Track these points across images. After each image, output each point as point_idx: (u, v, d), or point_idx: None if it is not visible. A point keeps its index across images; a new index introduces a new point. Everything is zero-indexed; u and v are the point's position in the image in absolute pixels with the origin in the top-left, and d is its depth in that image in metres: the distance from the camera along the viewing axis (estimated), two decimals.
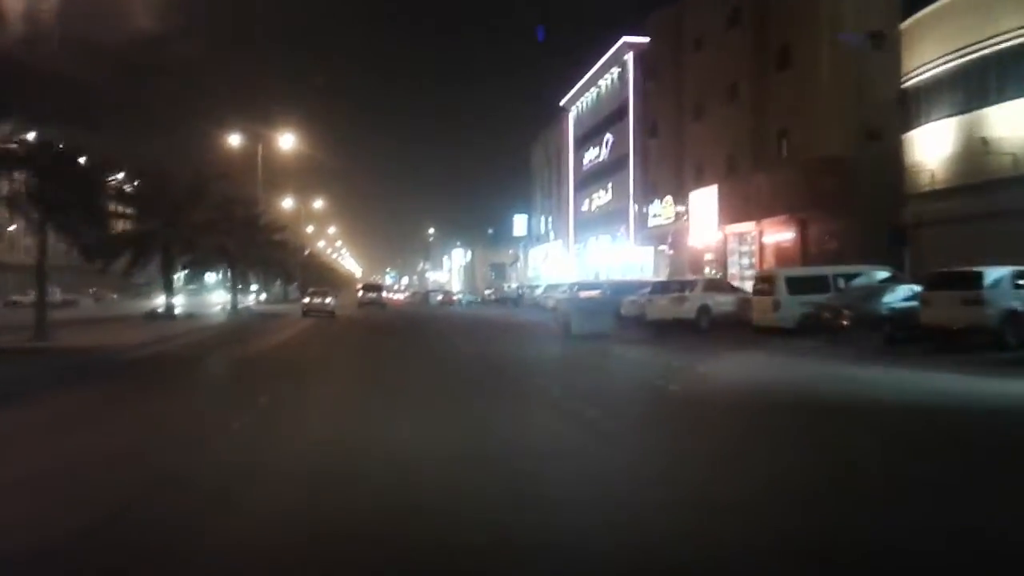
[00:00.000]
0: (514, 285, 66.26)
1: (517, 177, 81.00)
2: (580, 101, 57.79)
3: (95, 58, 15.10)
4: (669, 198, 38.35)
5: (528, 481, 5.97)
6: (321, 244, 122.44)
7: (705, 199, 34.33)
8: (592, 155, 53.88)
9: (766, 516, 5.11)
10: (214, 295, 51.09)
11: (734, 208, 32.67)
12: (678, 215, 37.48)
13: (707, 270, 37.09)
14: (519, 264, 74.08)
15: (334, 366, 15.89)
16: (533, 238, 73.83)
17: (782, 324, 18.81)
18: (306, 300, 41.03)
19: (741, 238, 33.99)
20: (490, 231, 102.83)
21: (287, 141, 50.81)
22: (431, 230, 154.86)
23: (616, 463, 6.77)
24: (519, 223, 75.66)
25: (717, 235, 33.89)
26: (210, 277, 60.42)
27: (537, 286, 52.35)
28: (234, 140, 47.63)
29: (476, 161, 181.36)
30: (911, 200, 22.85)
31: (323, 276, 77.22)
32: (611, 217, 49.37)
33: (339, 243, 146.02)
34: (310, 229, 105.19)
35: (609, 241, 49.91)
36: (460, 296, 65.28)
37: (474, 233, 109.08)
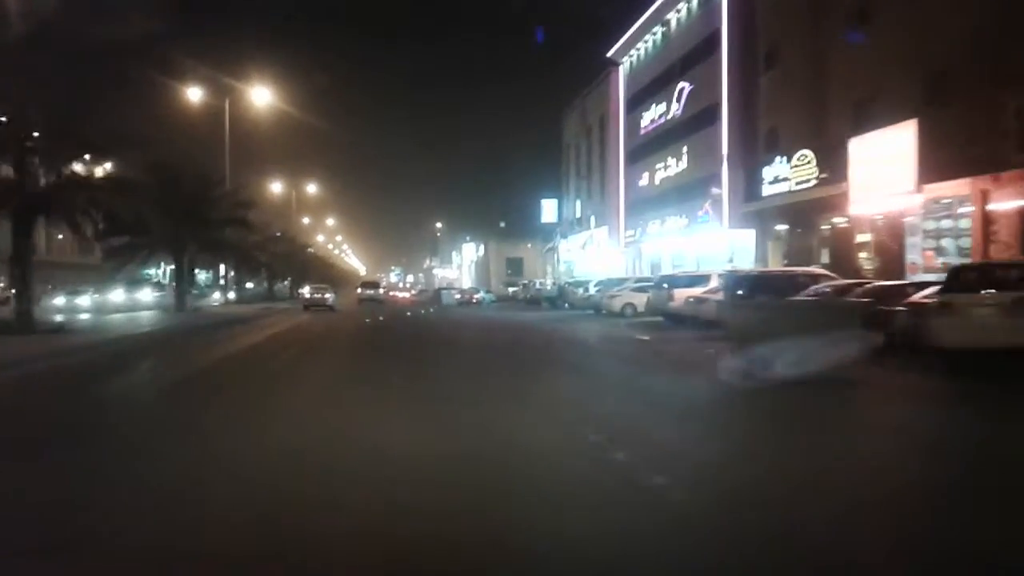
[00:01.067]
0: (548, 281, 53.79)
1: (538, 161, 68.85)
2: (635, 50, 45.44)
3: None
4: (807, 152, 25.93)
5: None
6: (320, 238, 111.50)
7: (884, 145, 21.97)
8: (655, 114, 41.53)
9: None
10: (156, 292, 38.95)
11: (933, 159, 20.42)
12: (821, 175, 25.13)
13: (862, 256, 24.85)
14: (555, 255, 61.44)
15: None
16: (565, 226, 61.56)
17: None
18: (306, 296, 42.76)
19: (929, 207, 21.71)
20: (502, 224, 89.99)
21: (262, 96, 38.76)
22: (438, 224, 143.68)
23: None
24: (548, 209, 63.32)
25: (910, 200, 21.52)
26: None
27: (583, 282, 40.17)
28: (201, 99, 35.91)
29: (487, 149, 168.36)
30: None
31: (323, 272, 72.54)
32: (686, 192, 37.07)
33: (339, 237, 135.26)
34: (306, 220, 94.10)
35: (682, 224, 37.63)
36: (482, 295, 52.93)
37: (485, 226, 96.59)
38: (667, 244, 40.67)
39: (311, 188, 77.59)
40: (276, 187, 70.02)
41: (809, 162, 25.65)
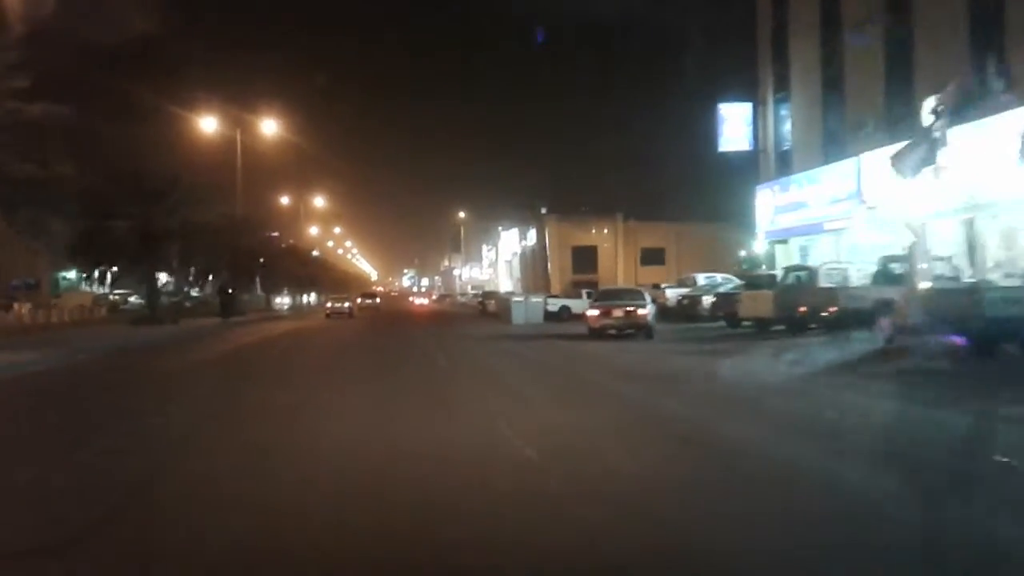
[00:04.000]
0: (838, 264, 20.17)
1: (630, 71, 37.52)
2: None
3: None
4: None
5: None
6: (313, 230, 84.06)
7: None
8: None
9: None
10: None
11: None
12: None
13: None
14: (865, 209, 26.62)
15: None
16: (768, 161, 29.33)
17: None
18: (328, 304, 46.17)
19: None
20: (543, 210, 62.03)
21: None
22: (461, 214, 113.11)
23: None
24: (733, 122, 30.33)
25: None
26: None
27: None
28: None
29: (523, 93, 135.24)
30: None
31: (324, 278, 70.50)
32: None
33: (339, 233, 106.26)
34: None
35: None
36: (649, 308, 19.77)
37: (525, 209, 67.90)
38: None
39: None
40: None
41: None
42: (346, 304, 45.66)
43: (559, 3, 52.45)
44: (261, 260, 43.88)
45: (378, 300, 61.21)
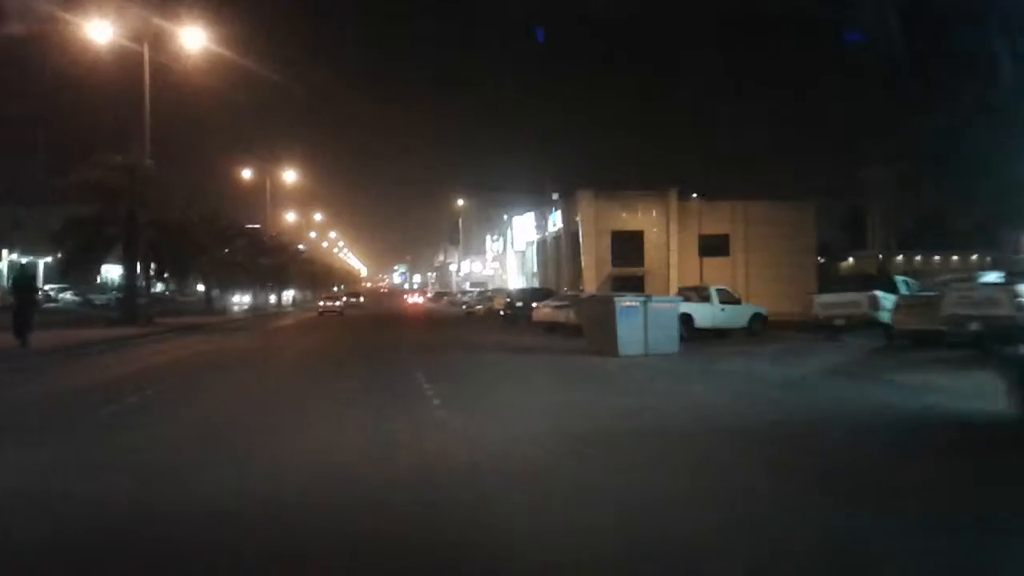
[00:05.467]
0: None
1: None
2: None
3: None
4: None
5: None
6: (290, 215, 73.54)
7: None
8: None
9: None
10: None
11: None
12: None
13: None
14: None
15: None
16: None
17: None
18: (320, 303, 49.81)
19: None
20: (555, 195, 53.16)
21: None
22: (460, 202, 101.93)
23: None
24: None
25: None
26: None
27: None
28: None
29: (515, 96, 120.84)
30: None
31: (300, 272, 63.08)
32: None
33: (321, 222, 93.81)
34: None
35: None
36: None
37: (536, 196, 59.79)
38: None
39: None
40: None
41: None
42: (337, 303, 49.18)
43: None
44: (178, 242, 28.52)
45: (362, 299, 63.65)
